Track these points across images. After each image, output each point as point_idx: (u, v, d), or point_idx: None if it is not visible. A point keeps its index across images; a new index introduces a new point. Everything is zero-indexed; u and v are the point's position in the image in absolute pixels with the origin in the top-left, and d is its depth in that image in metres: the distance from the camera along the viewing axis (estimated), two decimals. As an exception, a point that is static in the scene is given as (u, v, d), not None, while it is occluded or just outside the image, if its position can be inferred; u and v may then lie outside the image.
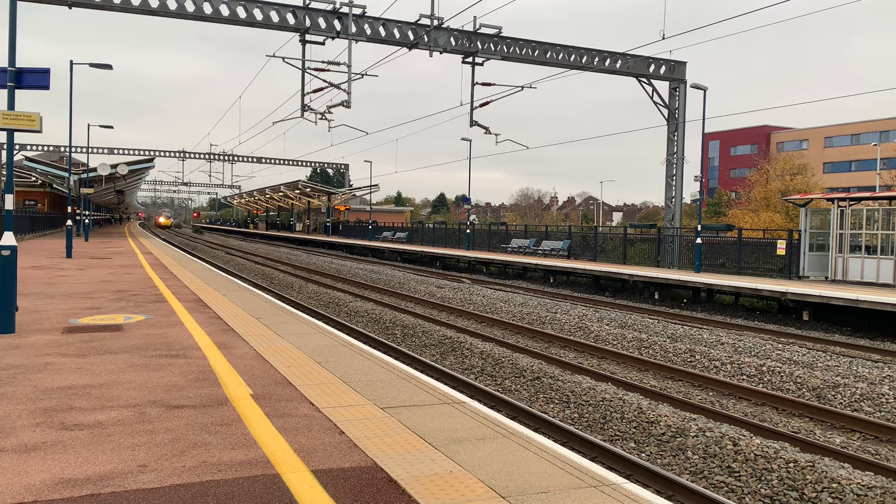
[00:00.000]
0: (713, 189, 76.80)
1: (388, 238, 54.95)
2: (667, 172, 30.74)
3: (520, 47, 27.05)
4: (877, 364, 12.15)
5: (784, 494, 6.39)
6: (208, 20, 23.17)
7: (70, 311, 10.96)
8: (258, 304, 12.61)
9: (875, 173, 59.70)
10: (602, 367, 11.97)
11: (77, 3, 21.42)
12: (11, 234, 8.96)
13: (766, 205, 50.31)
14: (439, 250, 39.22)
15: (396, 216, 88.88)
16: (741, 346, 13.48)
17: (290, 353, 8.01)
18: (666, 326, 15.75)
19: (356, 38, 24.36)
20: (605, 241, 32.38)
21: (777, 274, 22.91)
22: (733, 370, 11.61)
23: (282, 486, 4.09)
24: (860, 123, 74.83)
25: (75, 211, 45.24)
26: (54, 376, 6.62)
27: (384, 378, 6.88)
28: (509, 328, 15.72)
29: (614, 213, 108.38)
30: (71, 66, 26.06)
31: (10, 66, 8.92)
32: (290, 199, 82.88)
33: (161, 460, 4.46)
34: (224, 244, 59.09)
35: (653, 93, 29.82)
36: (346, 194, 70.22)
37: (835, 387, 10.37)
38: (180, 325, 9.77)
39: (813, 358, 12.41)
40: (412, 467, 4.42)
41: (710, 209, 61.95)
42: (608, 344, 13.95)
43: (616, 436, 8.18)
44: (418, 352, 13.03)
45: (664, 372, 11.55)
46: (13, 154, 10.22)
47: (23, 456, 4.48)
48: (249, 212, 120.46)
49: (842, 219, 21.21)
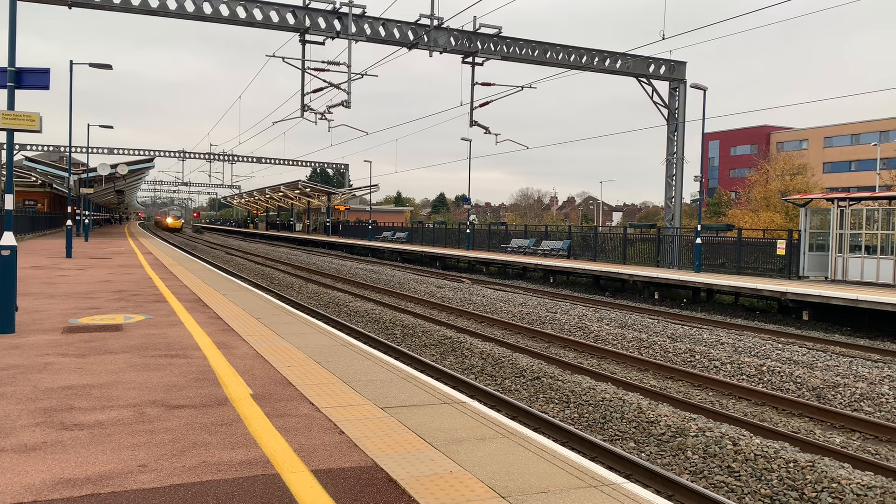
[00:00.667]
0: (713, 189, 76.81)
1: (388, 238, 54.95)
2: (667, 172, 30.74)
3: (520, 47, 27.05)
4: (877, 364, 12.15)
5: (784, 494, 6.39)
6: (208, 20, 23.17)
7: (70, 311, 10.96)
8: (258, 304, 12.61)
9: (875, 173, 59.70)
10: (602, 366, 11.97)
11: (77, 3, 21.42)
12: (11, 234, 8.96)
13: (765, 205, 50.32)
14: (439, 250, 39.23)
15: (396, 216, 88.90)
16: (741, 345, 13.48)
17: (290, 352, 8.01)
18: (666, 326, 15.75)
19: (356, 38, 24.36)
20: (605, 241, 32.39)
21: (777, 274, 22.92)
22: (733, 370, 11.61)
23: (282, 486, 4.09)
24: (860, 123, 74.85)
25: (75, 211, 45.24)
26: (54, 376, 6.62)
27: (384, 378, 6.89)
28: (509, 328, 15.72)
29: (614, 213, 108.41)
30: (71, 66, 26.07)
31: (10, 66, 8.92)
32: (289, 199, 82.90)
33: (161, 460, 4.46)
34: (224, 244, 59.09)
35: (653, 93, 29.83)
36: (346, 194, 70.24)
37: (835, 387, 10.37)
38: (180, 325, 9.77)
39: (813, 358, 12.41)
40: (412, 467, 4.42)
41: (710, 209, 61.97)
42: (608, 344, 13.95)
43: (616, 436, 8.18)
44: (418, 352, 13.03)
45: (664, 372, 11.55)
46: (13, 154, 10.22)
47: (23, 456, 4.48)
48: (249, 212, 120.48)
49: (842, 219, 21.22)
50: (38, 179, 50.77)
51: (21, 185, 50.92)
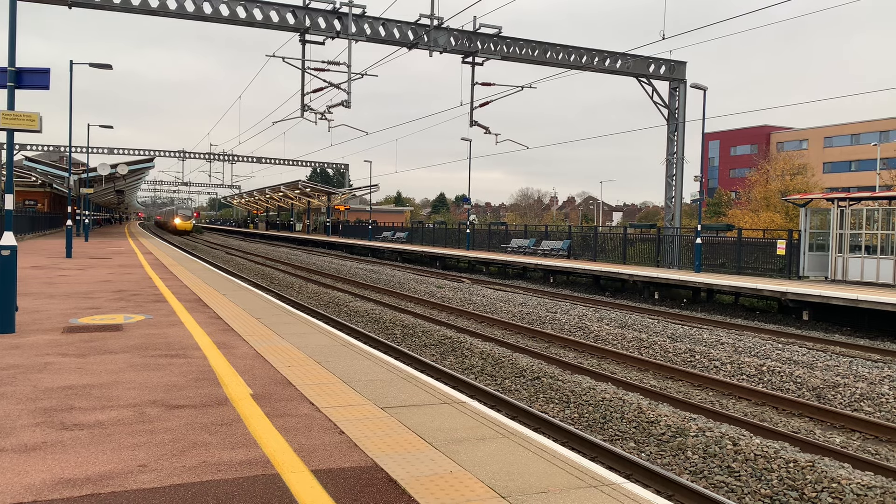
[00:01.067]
0: (713, 189, 76.82)
1: (388, 238, 54.95)
2: (667, 172, 30.74)
3: (520, 47, 27.05)
4: (877, 364, 12.15)
5: (784, 494, 6.39)
6: (208, 20, 23.18)
7: (70, 311, 10.96)
8: (258, 303, 12.61)
9: (875, 173, 59.70)
10: (602, 366, 11.97)
11: (77, 3, 21.42)
12: (11, 234, 8.96)
13: (766, 205, 50.33)
14: (439, 250, 39.23)
15: (396, 216, 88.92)
16: (741, 345, 13.48)
17: (290, 352, 8.01)
18: (666, 326, 15.75)
19: (356, 38, 24.36)
20: (605, 241, 32.39)
21: (777, 274, 22.92)
22: (733, 370, 11.61)
23: (282, 486, 4.09)
24: (860, 123, 74.84)
25: (75, 211, 45.24)
26: (54, 376, 6.62)
27: (384, 378, 6.88)
28: (509, 328, 15.72)
29: (614, 213, 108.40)
30: (71, 66, 26.07)
31: (10, 66, 8.92)
32: (289, 199, 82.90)
33: (161, 460, 4.46)
34: (224, 244, 59.08)
35: (653, 93, 29.83)
36: (346, 194, 70.25)
37: (835, 387, 10.37)
38: (180, 325, 9.77)
39: (813, 358, 12.41)
40: (412, 467, 4.42)
41: (710, 209, 61.97)
42: (608, 344, 13.95)
43: (616, 436, 8.18)
44: (418, 352, 13.03)
45: (664, 372, 11.55)
46: (13, 154, 10.22)
47: (23, 456, 4.48)
48: (249, 212, 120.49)
49: (842, 219, 21.22)
50: (38, 179, 50.78)
51: (21, 185, 50.93)
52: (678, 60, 29.73)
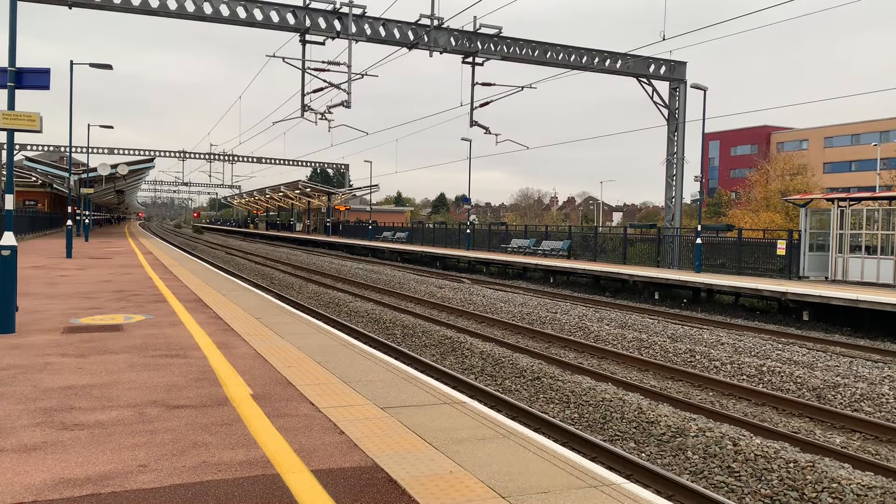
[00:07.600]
0: (713, 189, 76.85)
1: (388, 238, 54.93)
2: (667, 172, 30.74)
3: (520, 47, 27.05)
4: (877, 364, 12.15)
5: (784, 494, 6.39)
6: (208, 20, 23.18)
7: (70, 311, 10.96)
8: (258, 304, 12.60)
9: (875, 173, 59.70)
10: (602, 367, 11.96)
11: (77, 3, 21.42)
12: (11, 234, 8.96)
13: (766, 205, 50.34)
14: (439, 250, 39.22)
15: (396, 216, 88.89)
16: (741, 346, 13.48)
17: (290, 352, 8.01)
18: (666, 326, 15.74)
19: (356, 38, 24.36)
20: (605, 241, 32.38)
21: (777, 274, 22.91)
22: (733, 370, 11.60)
23: (282, 486, 4.09)
24: (860, 123, 74.85)
25: (75, 211, 45.20)
26: (54, 376, 6.62)
27: (384, 378, 6.88)
28: (509, 328, 15.72)
29: (614, 213, 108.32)
30: (71, 67, 26.06)
31: (10, 66, 8.92)
32: (290, 200, 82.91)
33: (161, 460, 4.46)
34: (224, 244, 59.08)
35: (653, 93, 29.83)
36: (346, 194, 70.26)
37: (835, 387, 10.37)
38: (180, 325, 9.77)
39: (813, 358, 12.41)
40: (412, 467, 4.42)
41: (710, 209, 61.97)
42: (608, 344, 13.95)
43: (616, 436, 8.18)
44: (418, 352, 13.03)
45: (664, 372, 11.55)
46: (13, 154, 10.22)
47: (23, 456, 4.48)
48: (249, 212, 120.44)
49: (842, 219, 21.21)
50: (38, 179, 50.79)
51: (21, 185, 50.91)
52: (678, 61, 29.73)
